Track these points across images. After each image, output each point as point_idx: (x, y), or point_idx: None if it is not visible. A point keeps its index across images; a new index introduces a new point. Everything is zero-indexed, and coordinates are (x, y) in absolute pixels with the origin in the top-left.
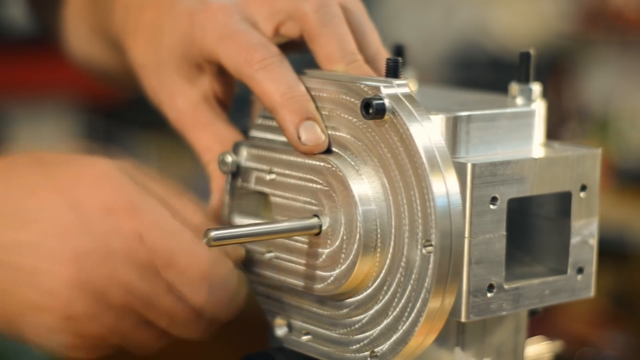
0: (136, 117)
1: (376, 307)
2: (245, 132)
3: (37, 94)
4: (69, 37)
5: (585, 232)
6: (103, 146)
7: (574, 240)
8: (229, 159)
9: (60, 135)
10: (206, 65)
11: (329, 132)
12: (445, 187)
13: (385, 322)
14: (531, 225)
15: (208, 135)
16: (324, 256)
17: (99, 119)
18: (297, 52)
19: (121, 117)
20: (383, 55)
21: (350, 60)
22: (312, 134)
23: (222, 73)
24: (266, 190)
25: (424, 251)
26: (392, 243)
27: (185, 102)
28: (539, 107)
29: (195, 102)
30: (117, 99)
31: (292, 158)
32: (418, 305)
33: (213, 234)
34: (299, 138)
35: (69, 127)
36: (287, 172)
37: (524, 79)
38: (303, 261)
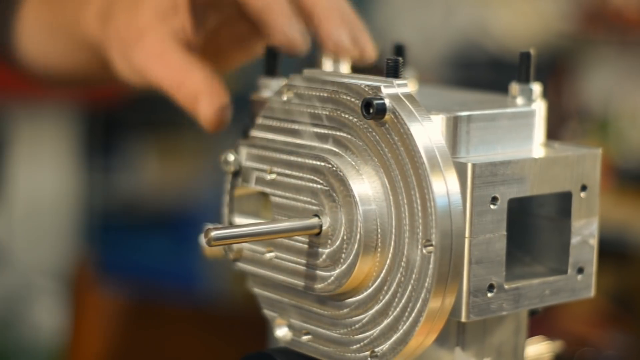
0: (136, 118)
1: (376, 307)
2: (245, 131)
3: (37, 93)
4: (23, 41)
5: (585, 232)
6: (103, 146)
7: (574, 240)
8: (232, 158)
9: (60, 135)
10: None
11: (330, 131)
12: (445, 187)
13: (385, 322)
14: (531, 225)
15: (179, 71)
16: (324, 256)
17: (99, 119)
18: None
19: (121, 117)
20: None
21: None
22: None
23: (194, 13)
24: (266, 190)
25: (424, 251)
26: (392, 243)
27: (154, 40)
28: (539, 107)
29: (165, 40)
30: (118, 99)
31: (292, 158)
32: (418, 305)
33: (213, 234)
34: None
35: (69, 127)
36: (287, 172)
37: (524, 79)
38: (303, 261)
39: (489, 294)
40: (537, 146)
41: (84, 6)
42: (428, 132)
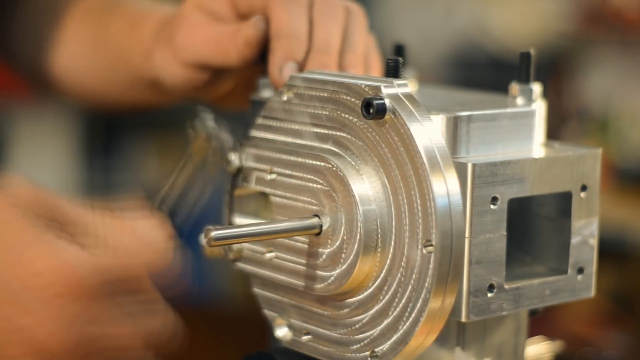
0: (136, 118)
1: (377, 307)
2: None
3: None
4: (63, 57)
5: (585, 232)
6: (103, 146)
7: (575, 240)
8: (233, 158)
9: (60, 135)
10: None
11: (331, 132)
12: (445, 187)
13: (385, 322)
14: (531, 225)
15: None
16: (324, 256)
17: (99, 119)
18: None
19: (121, 116)
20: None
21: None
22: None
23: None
24: (266, 190)
25: (424, 251)
26: (392, 243)
27: (194, 18)
28: (539, 107)
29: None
30: None
31: (292, 158)
32: (418, 305)
33: (214, 234)
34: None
35: (69, 127)
36: (287, 172)
37: (524, 79)
38: (303, 261)
39: (489, 294)
40: (537, 146)
41: (139, 23)
42: (428, 132)
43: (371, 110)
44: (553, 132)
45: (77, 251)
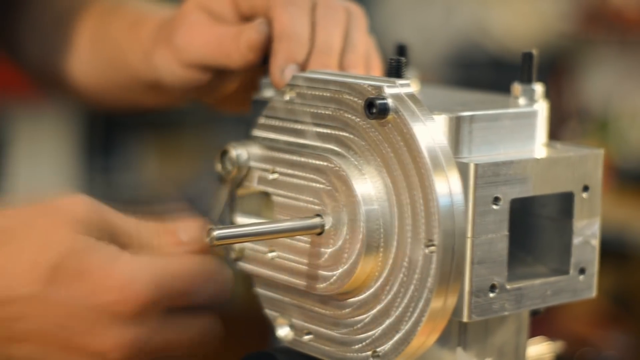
0: (136, 118)
1: (378, 307)
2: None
3: (37, 93)
4: (76, 62)
5: (587, 233)
6: (103, 146)
7: (576, 240)
8: (235, 158)
9: (60, 135)
10: None
11: (333, 131)
12: (448, 187)
13: (387, 321)
14: (533, 226)
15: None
16: (326, 256)
17: (99, 119)
18: None
19: (121, 116)
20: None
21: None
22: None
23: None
24: (269, 189)
25: (426, 251)
26: (394, 243)
27: (195, 18)
28: (542, 108)
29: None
30: None
31: (294, 158)
32: (420, 305)
33: (216, 233)
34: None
35: (69, 126)
36: (289, 171)
37: (527, 79)
38: (305, 261)
39: (491, 294)
40: (539, 146)
41: (139, 24)
42: (431, 132)
43: (374, 110)
44: (553, 132)
45: (139, 265)
